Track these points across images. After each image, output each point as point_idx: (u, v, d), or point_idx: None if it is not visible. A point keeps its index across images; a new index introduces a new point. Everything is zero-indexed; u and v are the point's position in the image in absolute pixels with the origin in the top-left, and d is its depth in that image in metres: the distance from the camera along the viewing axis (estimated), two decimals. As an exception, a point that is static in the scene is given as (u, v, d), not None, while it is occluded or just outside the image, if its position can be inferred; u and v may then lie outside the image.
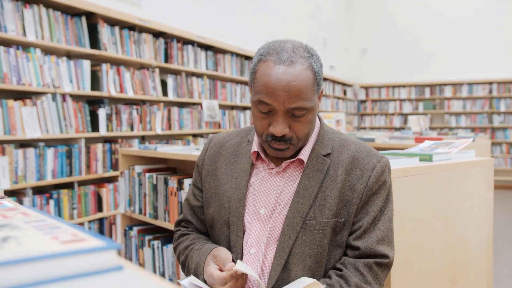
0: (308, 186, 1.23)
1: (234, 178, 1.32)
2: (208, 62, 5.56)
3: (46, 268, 0.42)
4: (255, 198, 1.28)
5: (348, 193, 1.22)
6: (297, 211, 1.21)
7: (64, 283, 0.42)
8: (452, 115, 9.86)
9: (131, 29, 4.41)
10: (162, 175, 2.45)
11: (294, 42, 1.22)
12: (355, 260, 1.21)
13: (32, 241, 0.48)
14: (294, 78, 1.14)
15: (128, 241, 2.69)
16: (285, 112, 1.17)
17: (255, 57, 1.22)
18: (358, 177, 1.23)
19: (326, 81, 9.31)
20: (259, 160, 1.33)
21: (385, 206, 1.25)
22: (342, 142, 1.30)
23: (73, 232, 0.51)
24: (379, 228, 1.22)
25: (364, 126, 10.83)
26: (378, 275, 1.21)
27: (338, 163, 1.25)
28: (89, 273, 0.44)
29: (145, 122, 4.50)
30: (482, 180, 1.82)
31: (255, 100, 1.19)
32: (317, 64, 1.20)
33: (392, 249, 1.25)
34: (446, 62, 9.82)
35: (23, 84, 3.31)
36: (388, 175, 1.27)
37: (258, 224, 1.26)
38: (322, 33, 9.46)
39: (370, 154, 1.27)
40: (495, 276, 3.90)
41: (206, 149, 1.45)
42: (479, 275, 1.83)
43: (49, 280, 0.42)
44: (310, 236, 1.20)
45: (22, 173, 3.31)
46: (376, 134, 4.48)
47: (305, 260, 1.20)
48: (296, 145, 1.23)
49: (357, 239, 1.22)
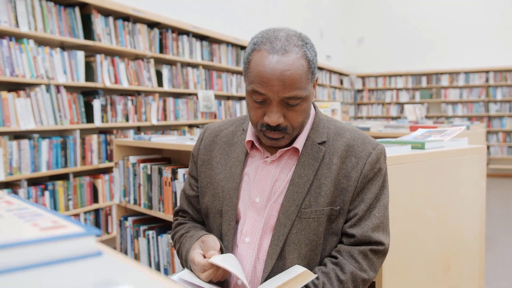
0: (303, 174, 1.23)
1: (229, 168, 1.32)
2: (203, 52, 5.54)
3: (24, 254, 0.42)
4: (250, 187, 1.28)
5: (344, 181, 1.22)
6: (292, 200, 1.21)
7: (42, 268, 0.42)
8: (448, 104, 9.86)
9: (125, 19, 4.39)
10: (157, 165, 2.45)
11: (288, 31, 1.20)
12: (351, 248, 1.21)
13: (11, 228, 0.48)
14: (288, 67, 1.13)
15: (124, 231, 2.69)
16: (280, 102, 1.16)
17: (249, 46, 1.21)
18: (353, 165, 1.23)
19: (322, 71, 9.29)
20: (254, 149, 1.33)
21: (380, 193, 1.25)
22: (337, 130, 1.30)
23: (54, 219, 0.51)
24: (374, 215, 1.22)
25: (361, 115, 10.83)
26: (374, 262, 1.21)
27: (333, 151, 1.25)
28: (68, 258, 0.44)
29: (140, 113, 4.49)
30: (474, 167, 1.82)
31: (249, 90, 1.18)
32: (311, 53, 1.19)
33: (387, 236, 1.25)
34: (442, 51, 9.80)
35: (16, 75, 3.30)
36: (383, 162, 1.27)
37: (253, 213, 1.26)
38: (318, 22, 9.42)
39: (365, 142, 1.27)
40: (487, 263, 3.93)
41: (201, 139, 1.45)
42: (471, 261, 1.85)
43: (27, 266, 0.42)
44: (305, 224, 1.20)
45: (16, 164, 3.30)
46: (371, 123, 4.49)
47: (301, 248, 1.20)
48: (291, 134, 1.22)
49: (353, 226, 1.22)
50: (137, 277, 0.41)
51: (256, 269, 1.22)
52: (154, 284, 0.40)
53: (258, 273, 1.22)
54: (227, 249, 1.26)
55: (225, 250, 1.26)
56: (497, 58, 9.32)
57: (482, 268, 1.90)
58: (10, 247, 0.42)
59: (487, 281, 3.57)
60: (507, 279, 3.74)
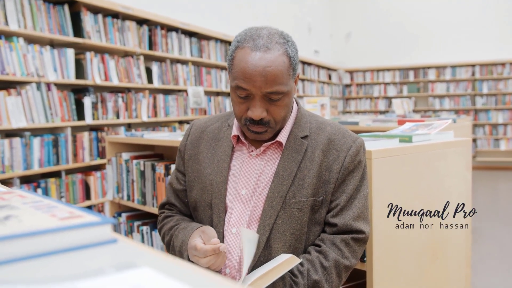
0: (287, 167, 1.29)
1: (216, 162, 1.37)
2: (192, 49, 5.56)
3: (47, 241, 0.46)
4: (236, 180, 1.34)
5: (326, 173, 1.28)
6: (277, 191, 1.27)
7: (64, 254, 0.46)
8: (436, 97, 9.97)
9: (114, 16, 4.39)
10: (150, 161, 2.49)
11: (270, 29, 1.27)
12: (333, 236, 1.27)
13: (32, 219, 0.52)
14: (270, 64, 1.19)
15: (117, 227, 2.72)
16: (262, 97, 1.22)
17: (233, 44, 1.27)
18: (334, 158, 1.29)
19: (311, 66, 9.34)
20: (239, 143, 1.38)
21: (360, 184, 1.31)
22: (319, 124, 1.36)
23: (69, 210, 0.55)
24: (355, 205, 1.28)
25: (350, 110, 10.92)
26: (355, 249, 1.28)
27: (315, 145, 1.31)
28: (86, 245, 0.48)
29: (131, 109, 4.51)
30: (460, 159, 1.88)
31: (233, 85, 1.24)
32: (292, 50, 1.25)
33: (367, 225, 1.32)
34: (429, 45, 9.90)
35: (7, 73, 3.30)
36: (363, 155, 1.34)
37: (239, 205, 1.32)
38: (306, 18, 9.47)
39: (346, 136, 1.33)
40: (475, 255, 4.02)
41: (188, 134, 1.50)
42: (458, 251, 1.91)
43: (50, 252, 0.46)
44: (290, 214, 1.26)
45: (8, 162, 3.31)
46: (360, 118, 4.55)
47: (286, 237, 1.26)
48: (274, 128, 1.28)
49: (335, 216, 1.28)
50: (153, 259, 0.45)
51: (243, 258, 1.27)
52: (169, 265, 0.44)
53: None
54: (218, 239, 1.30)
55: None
56: (483, 52, 9.44)
57: (469, 257, 1.96)
58: (35, 235, 0.46)
59: (475, 273, 3.66)
60: (494, 270, 3.83)
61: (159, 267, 0.42)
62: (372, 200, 1.47)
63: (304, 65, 9.10)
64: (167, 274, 0.40)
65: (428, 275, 1.74)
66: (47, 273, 0.41)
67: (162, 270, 0.41)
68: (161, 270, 0.41)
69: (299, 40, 8.66)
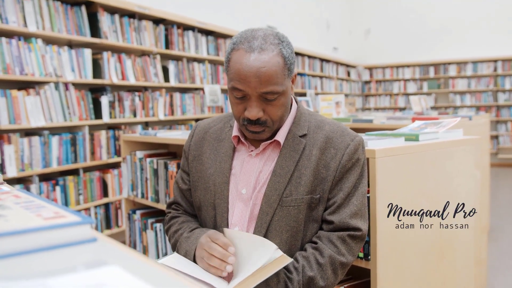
0: (285, 165, 1.31)
1: (218, 162, 1.40)
2: (209, 47, 5.60)
3: (29, 240, 0.49)
4: (237, 180, 1.36)
5: (323, 171, 1.30)
6: (274, 189, 1.29)
7: (45, 252, 0.49)
8: (456, 94, 9.83)
9: (131, 16, 4.46)
10: (162, 159, 2.53)
11: (266, 30, 1.29)
12: (330, 233, 1.29)
13: (18, 218, 0.55)
14: (264, 65, 1.21)
15: (132, 224, 2.77)
16: (258, 97, 1.24)
17: (229, 46, 1.29)
18: (332, 156, 1.30)
19: (329, 63, 9.30)
20: (240, 144, 1.41)
21: (359, 182, 1.32)
22: (317, 123, 1.37)
23: (56, 210, 0.58)
24: (352, 203, 1.30)
25: (369, 107, 10.84)
26: (352, 246, 1.29)
27: (313, 143, 1.33)
28: (67, 244, 0.51)
29: (147, 108, 4.57)
30: (469, 158, 1.87)
31: (230, 87, 1.27)
32: (287, 50, 1.27)
33: (365, 222, 1.33)
34: (450, 41, 9.76)
35: (26, 74, 3.38)
36: (361, 153, 1.34)
37: (240, 204, 1.35)
38: (324, 14, 9.43)
39: (344, 134, 1.34)
40: (493, 253, 3.97)
41: (192, 136, 1.53)
42: (466, 251, 1.90)
43: (31, 250, 0.49)
44: (286, 212, 1.29)
45: (28, 161, 3.40)
46: (375, 115, 4.52)
47: (282, 234, 1.29)
48: (272, 127, 1.30)
49: (331, 214, 1.30)
50: (126, 259, 0.48)
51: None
52: (140, 265, 0.46)
53: None
54: None
55: None
56: (505, 47, 9.26)
57: (479, 258, 1.95)
58: (17, 234, 0.49)
59: (493, 271, 3.61)
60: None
61: (130, 266, 0.45)
62: (375, 199, 1.47)
63: (323, 62, 9.07)
64: (134, 274, 0.42)
65: (435, 274, 1.74)
66: (23, 270, 0.44)
67: (131, 269, 0.43)
68: (131, 269, 0.43)
69: (317, 37, 8.62)
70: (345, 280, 1.68)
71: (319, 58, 8.88)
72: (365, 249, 1.53)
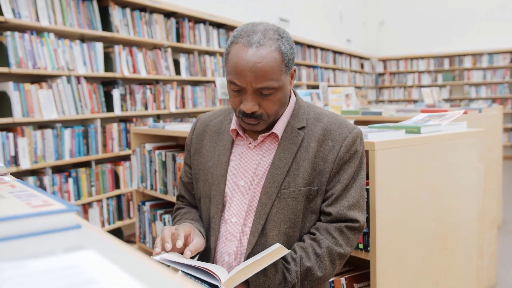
0: (283, 157, 1.33)
1: (217, 155, 1.43)
2: (220, 40, 5.62)
3: (16, 226, 0.52)
4: (236, 172, 1.39)
5: (321, 163, 1.31)
6: (273, 181, 1.31)
7: (31, 238, 0.52)
8: (472, 86, 9.72)
9: (142, 10, 4.49)
10: (170, 152, 2.56)
11: (267, 25, 1.30)
12: (328, 225, 1.30)
13: (8, 207, 0.58)
14: (260, 60, 1.22)
15: (142, 215, 2.82)
16: (254, 91, 1.26)
17: (229, 39, 1.31)
18: (330, 148, 1.32)
19: (342, 55, 9.26)
20: (239, 136, 1.43)
21: (357, 174, 1.33)
22: (316, 115, 1.39)
23: (45, 199, 0.61)
24: (350, 195, 1.31)
25: (383, 99, 10.78)
26: (349, 238, 1.31)
27: (312, 135, 1.34)
28: (51, 230, 0.54)
29: (159, 101, 4.62)
30: (472, 151, 1.87)
31: (228, 80, 1.29)
32: (286, 46, 1.27)
33: (363, 214, 1.34)
34: (465, 32, 9.64)
35: (38, 68, 3.45)
36: (359, 145, 1.35)
37: (239, 195, 1.37)
38: (337, 6, 9.37)
39: (342, 126, 1.35)
40: (504, 246, 3.94)
41: (193, 129, 1.56)
42: (469, 242, 1.90)
43: (17, 235, 0.52)
44: (284, 203, 1.30)
45: (41, 153, 3.47)
46: (386, 108, 4.50)
47: (280, 225, 1.31)
48: (267, 121, 1.32)
49: (329, 205, 1.31)
50: (104, 244, 0.50)
51: (241, 245, 1.34)
52: (117, 250, 0.49)
53: (242, 249, 1.34)
54: (214, 230, 1.37)
55: (212, 231, 1.38)
56: (521, 38, 9.12)
57: (488, 250, 1.95)
58: (4, 221, 0.52)
59: (503, 264, 3.60)
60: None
61: (106, 251, 0.47)
62: (375, 191, 1.49)
63: (335, 54, 9.03)
64: (108, 257, 0.45)
65: (437, 266, 1.75)
66: (6, 254, 0.47)
67: (106, 254, 0.46)
68: (106, 254, 0.46)
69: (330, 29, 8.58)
70: (345, 271, 1.70)
71: (332, 50, 8.84)
72: (364, 240, 1.54)
